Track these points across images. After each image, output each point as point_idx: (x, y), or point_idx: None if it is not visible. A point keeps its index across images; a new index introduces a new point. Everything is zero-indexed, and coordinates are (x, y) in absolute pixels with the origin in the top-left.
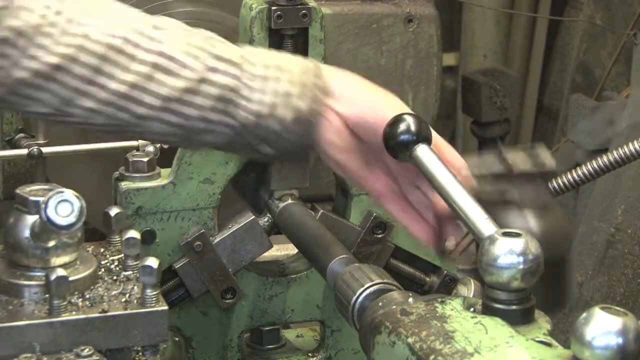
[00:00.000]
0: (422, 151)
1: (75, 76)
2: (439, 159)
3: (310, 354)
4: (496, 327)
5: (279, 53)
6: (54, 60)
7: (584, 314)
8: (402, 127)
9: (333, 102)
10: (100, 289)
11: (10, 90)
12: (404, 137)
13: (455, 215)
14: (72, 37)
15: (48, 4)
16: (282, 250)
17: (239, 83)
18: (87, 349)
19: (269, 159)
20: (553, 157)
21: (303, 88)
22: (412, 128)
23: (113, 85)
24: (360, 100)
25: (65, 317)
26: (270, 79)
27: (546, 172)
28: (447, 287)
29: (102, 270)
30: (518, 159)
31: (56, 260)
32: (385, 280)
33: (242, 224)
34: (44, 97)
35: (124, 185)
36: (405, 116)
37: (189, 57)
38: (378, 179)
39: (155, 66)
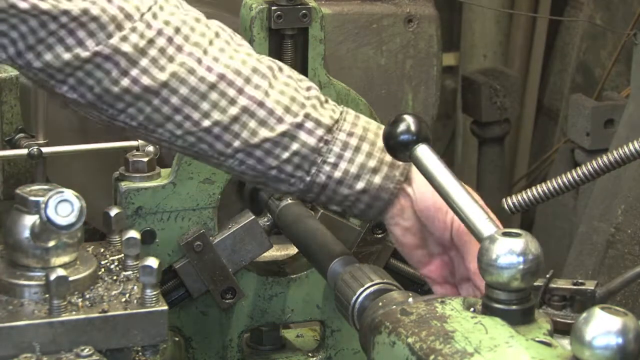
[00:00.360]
0: (422, 151)
1: (168, 103)
2: (439, 159)
3: (310, 354)
4: (496, 327)
5: (370, 121)
6: (150, 84)
7: (584, 314)
8: (402, 127)
9: (406, 184)
10: (100, 289)
11: (103, 100)
12: (404, 137)
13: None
14: (176, 66)
15: (162, 30)
16: (282, 250)
17: (321, 145)
18: (87, 349)
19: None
20: None
21: (380, 164)
22: (412, 128)
23: (202, 120)
24: (430, 188)
25: (65, 317)
26: (350, 147)
27: None
28: None
29: (102, 270)
30: None
31: (56, 260)
32: (385, 280)
33: (242, 224)
34: (134, 113)
35: (124, 185)
36: (405, 116)
37: (283, 109)
38: (434, 264)
39: (247, 111)
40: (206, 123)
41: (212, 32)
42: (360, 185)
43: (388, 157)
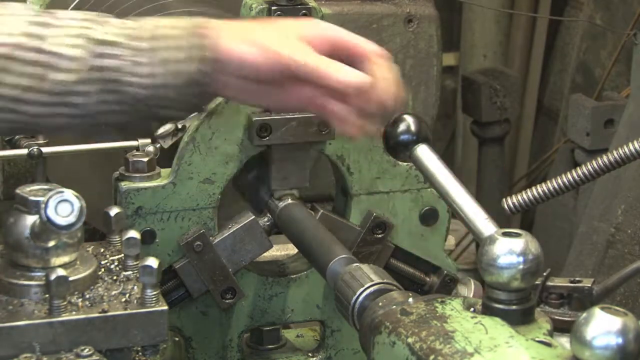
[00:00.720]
0: (422, 151)
1: None
2: (439, 159)
3: (310, 354)
4: (496, 327)
5: (169, 19)
6: None
7: (584, 314)
8: (402, 127)
9: (220, 56)
10: (100, 289)
11: None
12: (404, 137)
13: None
14: None
15: None
16: (282, 250)
17: (124, 62)
18: (87, 349)
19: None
20: None
21: (190, 52)
22: (412, 128)
23: (2, 90)
24: (244, 47)
25: (65, 317)
26: (157, 50)
27: None
28: (447, 287)
29: (102, 270)
30: None
31: (56, 260)
32: (385, 280)
33: (242, 224)
34: None
35: (124, 185)
36: (405, 116)
37: (75, 49)
38: (295, 91)
39: (43, 65)
40: (12, 92)
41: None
42: (181, 80)
43: (192, 41)
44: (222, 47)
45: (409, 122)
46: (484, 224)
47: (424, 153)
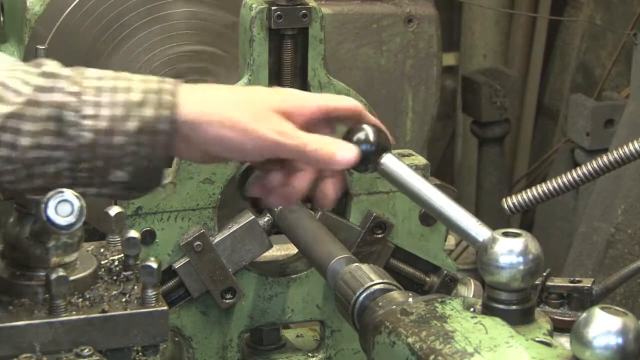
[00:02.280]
0: (388, 160)
1: None
2: (409, 167)
3: (310, 354)
4: (496, 327)
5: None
6: None
7: (584, 314)
8: (360, 136)
9: (180, 107)
10: (100, 289)
11: None
12: (363, 147)
13: None
14: None
15: None
16: (282, 250)
17: (69, 97)
18: (87, 349)
19: (126, 191)
20: None
21: (146, 94)
22: (371, 138)
23: None
24: (217, 127)
25: (65, 317)
26: (105, 90)
27: None
28: (447, 287)
29: (102, 270)
30: None
31: (56, 260)
32: (385, 280)
33: (242, 224)
34: None
35: None
36: (364, 126)
37: (14, 79)
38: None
39: None
40: None
41: None
42: (132, 125)
43: (152, 84)
44: (188, 118)
45: (367, 131)
46: (477, 228)
47: (391, 162)
